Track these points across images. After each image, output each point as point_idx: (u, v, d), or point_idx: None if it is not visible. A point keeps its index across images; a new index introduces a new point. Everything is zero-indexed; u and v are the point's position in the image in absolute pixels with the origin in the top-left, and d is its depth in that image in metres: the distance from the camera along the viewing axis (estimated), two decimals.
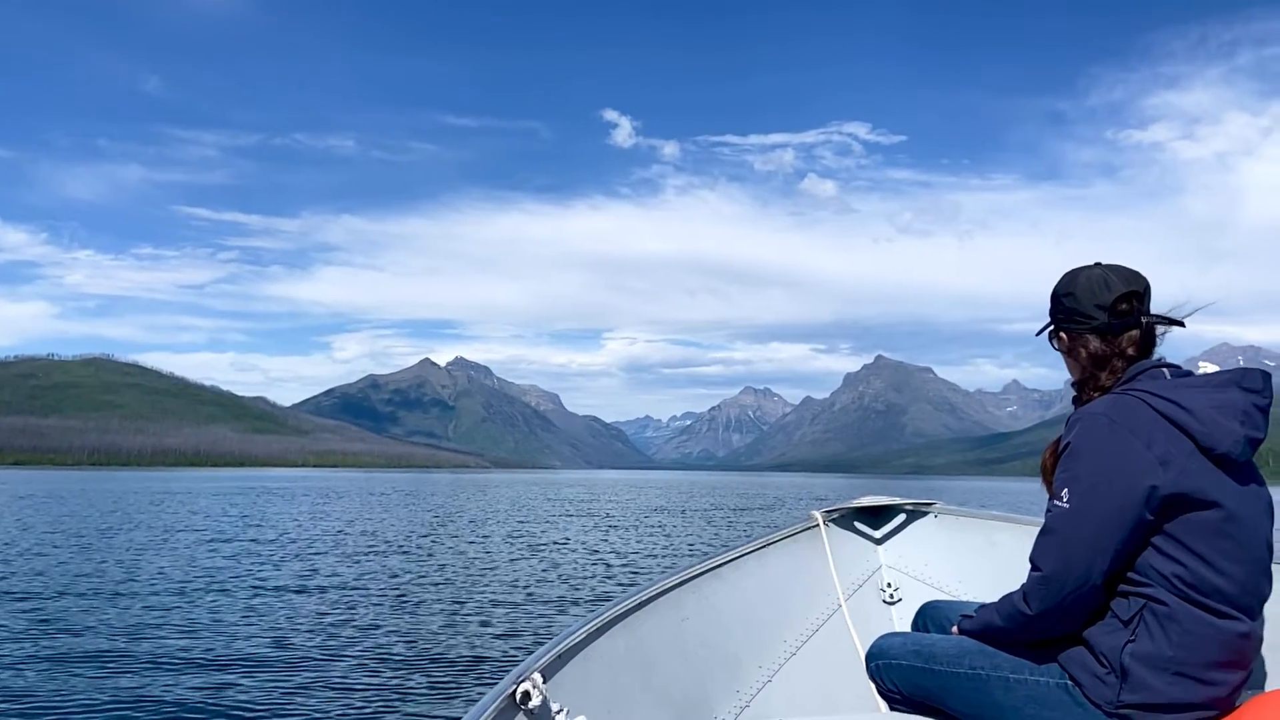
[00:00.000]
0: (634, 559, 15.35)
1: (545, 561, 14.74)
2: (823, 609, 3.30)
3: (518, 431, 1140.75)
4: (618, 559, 15.36)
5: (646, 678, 2.65)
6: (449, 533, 20.83)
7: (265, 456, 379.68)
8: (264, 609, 9.37)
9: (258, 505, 31.85)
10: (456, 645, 7.81)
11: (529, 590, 11.40)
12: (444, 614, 9.30)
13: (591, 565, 14.27)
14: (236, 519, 23.89)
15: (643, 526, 23.75)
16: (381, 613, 9.35)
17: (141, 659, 7.01)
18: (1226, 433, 1.91)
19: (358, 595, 10.61)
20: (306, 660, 7.15)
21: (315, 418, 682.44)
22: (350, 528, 21.45)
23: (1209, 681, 1.90)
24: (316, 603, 9.90)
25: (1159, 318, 2.10)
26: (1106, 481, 1.91)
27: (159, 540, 17.19)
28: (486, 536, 19.85)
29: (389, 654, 7.42)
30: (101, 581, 11.21)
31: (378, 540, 18.09)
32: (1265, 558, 1.97)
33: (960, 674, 2.16)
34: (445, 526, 22.92)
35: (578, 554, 16.13)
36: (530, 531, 21.54)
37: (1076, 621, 2.00)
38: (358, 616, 9.10)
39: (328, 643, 7.81)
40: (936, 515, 3.58)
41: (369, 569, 13.28)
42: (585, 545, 17.98)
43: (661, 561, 15.08)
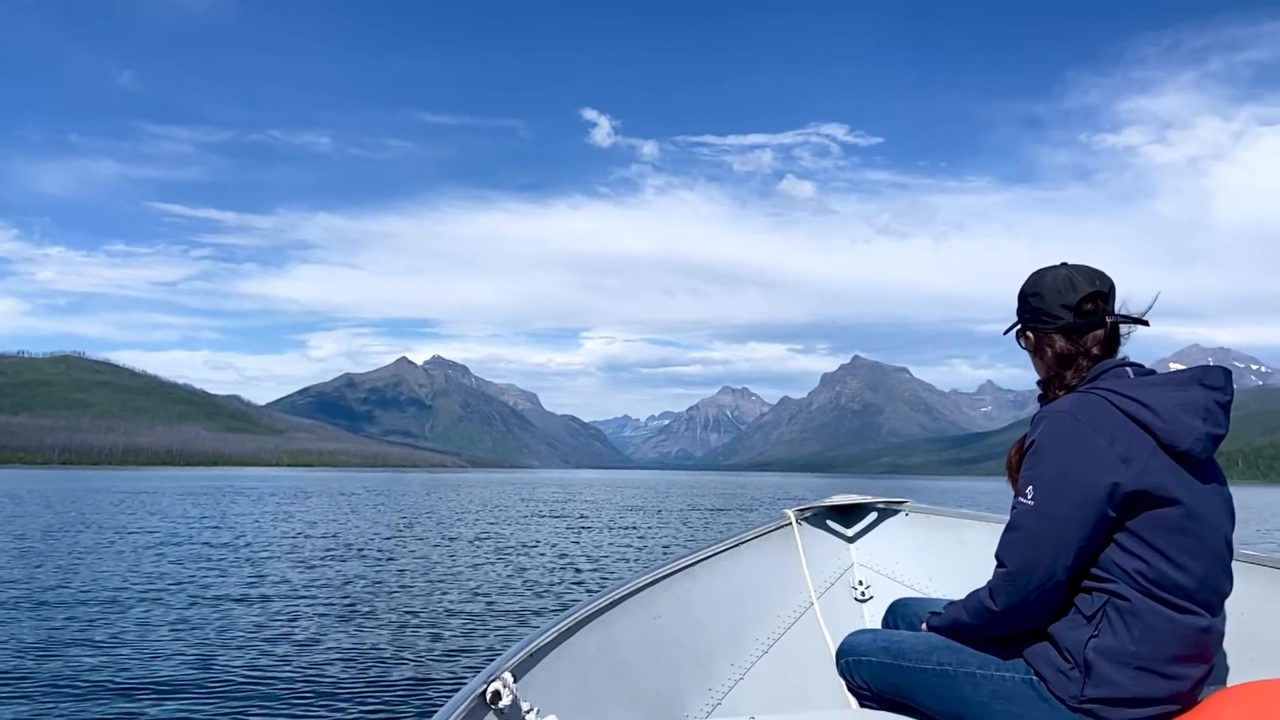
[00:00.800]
0: (608, 559, 15.01)
1: (517, 562, 14.32)
2: (795, 607, 3.31)
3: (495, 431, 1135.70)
4: (591, 559, 15.00)
5: (618, 676, 2.64)
6: (419, 533, 20.15)
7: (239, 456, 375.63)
8: (205, 617, 8.62)
9: (220, 506, 30.91)
10: (426, 646, 7.63)
11: (501, 590, 10.97)
12: (413, 615, 9.07)
13: (564, 565, 13.90)
14: (194, 520, 23.00)
15: (618, 526, 23.23)
16: (346, 615, 9.03)
17: (42, 681, 6.21)
18: (1188, 430, 1.93)
19: (320, 597, 10.06)
20: (266, 666, 6.84)
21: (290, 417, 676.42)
22: (313, 529, 20.66)
23: (1171, 676, 1.92)
24: (275, 607, 9.39)
25: (1123, 317, 2.13)
26: (1070, 479, 1.93)
27: (105, 543, 16.32)
28: (458, 537, 19.21)
29: (355, 656, 7.18)
30: (28, 589, 10.41)
31: (342, 541, 17.39)
32: (1225, 554, 2.00)
33: (928, 670, 2.18)
34: (415, 527, 22.22)
35: (551, 554, 15.72)
36: (503, 532, 20.94)
37: (1041, 617, 2.02)
38: (320, 619, 8.78)
39: (288, 646, 7.51)
40: (907, 514, 3.60)
41: (333, 570, 12.67)
42: (559, 545, 17.50)
43: (636, 561, 14.72)
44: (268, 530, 20.15)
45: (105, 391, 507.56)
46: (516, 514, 28.71)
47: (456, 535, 19.70)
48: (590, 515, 28.33)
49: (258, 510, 28.43)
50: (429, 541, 18.09)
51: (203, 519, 23.63)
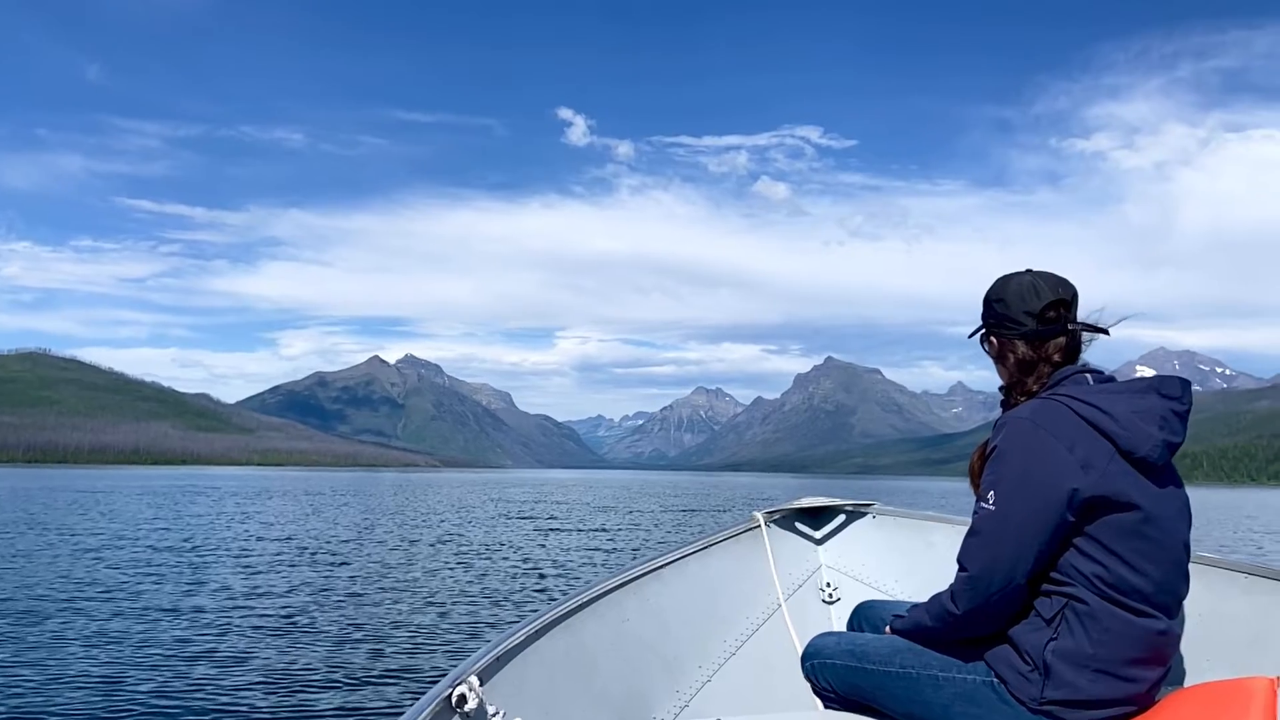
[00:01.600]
0: (577, 561, 14.60)
1: (484, 564, 13.88)
2: (763, 609, 3.32)
3: (468, 430, 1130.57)
4: (560, 561, 14.58)
5: (586, 679, 2.64)
6: (383, 534, 19.49)
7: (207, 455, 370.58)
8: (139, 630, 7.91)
9: (177, 506, 29.94)
10: (392, 649, 7.47)
11: (467, 593, 10.65)
12: (376, 619, 8.86)
13: (532, 567, 13.51)
14: (145, 521, 22.12)
15: (588, 528, 22.72)
16: (302, 620, 8.71)
17: None
18: (1146, 437, 1.96)
19: (274, 602, 9.75)
20: (227, 669, 6.63)
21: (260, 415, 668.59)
22: (269, 530, 19.87)
23: (1128, 678, 1.95)
24: (218, 615, 8.83)
25: (1085, 325, 2.16)
26: (1030, 484, 1.95)
27: (43, 546, 15.48)
28: (424, 538, 18.60)
29: (314, 663, 6.95)
30: None
31: (300, 543, 16.65)
32: (1182, 558, 2.04)
33: (892, 672, 2.20)
34: (380, 528, 21.54)
35: (519, 556, 15.26)
36: (471, 533, 20.36)
37: (1002, 620, 2.05)
38: (274, 624, 8.48)
39: (235, 656, 7.19)
40: (875, 516, 3.62)
41: (289, 574, 12.06)
42: (527, 547, 17.00)
43: (605, 564, 14.33)
44: (221, 532, 19.34)
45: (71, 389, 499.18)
46: (485, 515, 28.06)
47: (422, 537, 19.07)
48: (560, 516, 27.73)
49: (215, 511, 27.50)
50: (393, 543, 17.45)
51: (154, 520, 22.77)
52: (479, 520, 25.38)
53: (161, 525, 20.94)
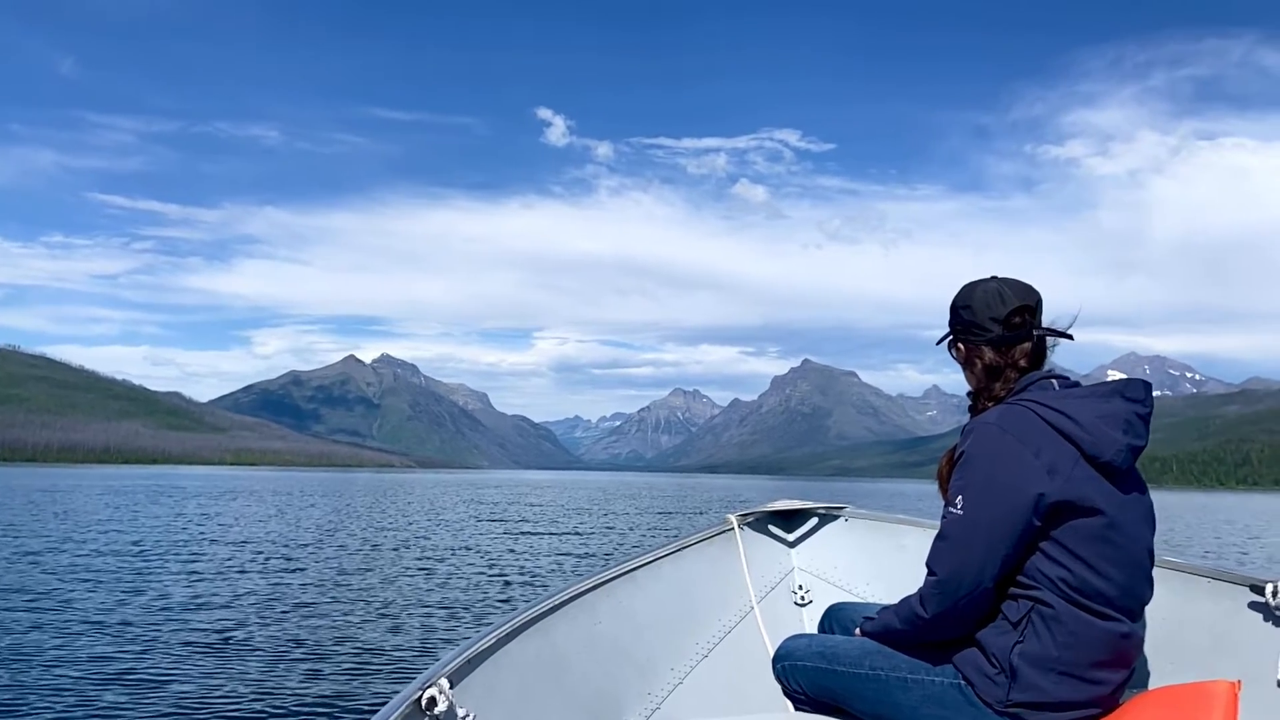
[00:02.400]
0: (550, 563, 14.24)
1: (458, 565, 13.49)
2: (735, 611, 3.33)
3: (444, 431, 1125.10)
4: (533, 563, 14.20)
5: (557, 682, 2.64)
6: (353, 534, 18.87)
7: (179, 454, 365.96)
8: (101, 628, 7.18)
9: (137, 506, 29.02)
10: (360, 652, 7.33)
11: (438, 595, 10.48)
12: (345, 620, 8.71)
13: (506, 569, 13.14)
14: (98, 522, 21.21)
15: (563, 529, 22.18)
16: (273, 621, 8.59)
17: None
18: (1110, 442, 1.99)
19: (240, 602, 9.57)
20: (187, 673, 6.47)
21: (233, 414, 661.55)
22: (229, 532, 19.10)
23: (1093, 680, 1.98)
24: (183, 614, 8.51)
25: (1049, 331, 2.19)
26: (997, 489, 1.98)
27: None
28: (394, 539, 18.03)
29: (285, 664, 6.83)
30: None
31: (266, 544, 15.95)
32: (1146, 562, 2.07)
33: (861, 675, 2.22)
34: (352, 528, 20.90)
35: (492, 558, 14.83)
36: (444, 534, 19.77)
37: (969, 624, 2.07)
38: (243, 625, 8.33)
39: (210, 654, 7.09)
40: (847, 519, 3.64)
41: (255, 575, 11.56)
42: (500, 549, 16.46)
43: (579, 566, 13.93)
44: (176, 534, 18.53)
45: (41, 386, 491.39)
46: (458, 516, 27.41)
47: (393, 538, 18.41)
48: (535, 518, 27.13)
49: (173, 512, 26.60)
50: (362, 545, 16.79)
51: (108, 521, 21.86)
52: (451, 522, 24.75)
53: (114, 527, 20.07)
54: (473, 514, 28.98)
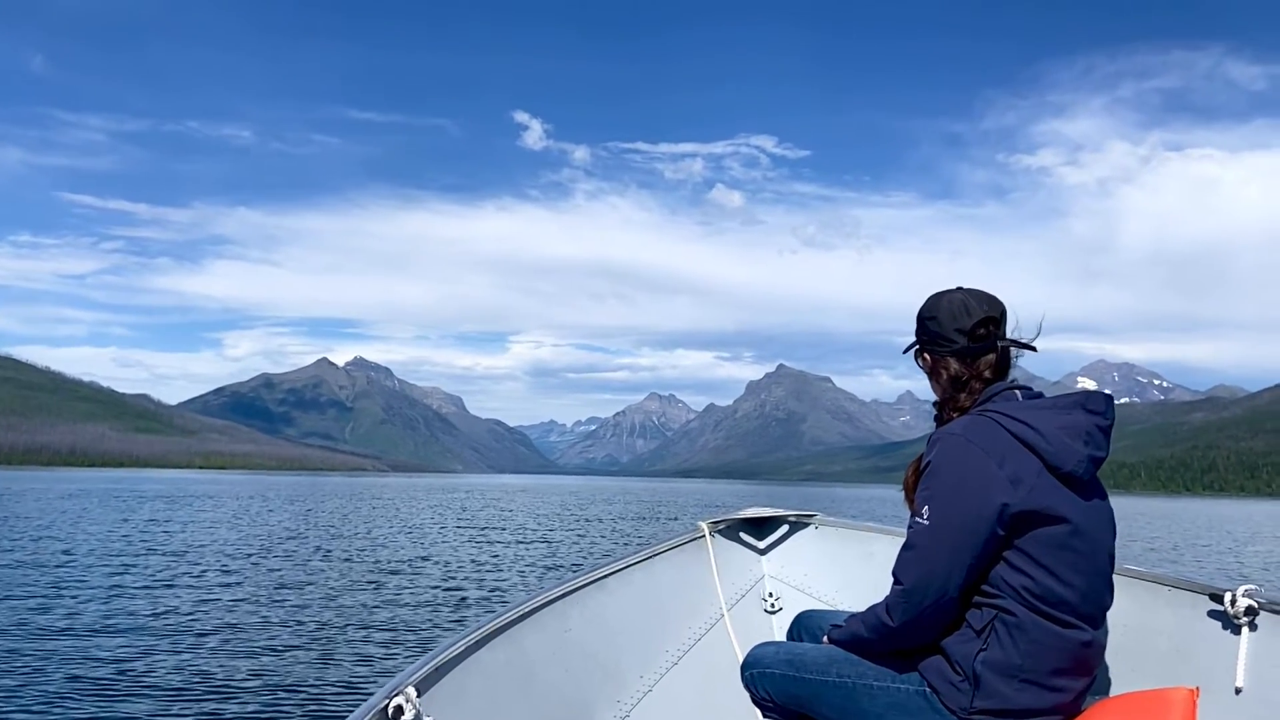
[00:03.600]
0: (522, 569, 14.10)
1: (428, 571, 13.35)
2: (706, 619, 3.34)
3: (418, 434, 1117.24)
4: (505, 569, 14.08)
5: (526, 690, 2.64)
6: (321, 539, 18.62)
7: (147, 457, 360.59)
8: None
9: (86, 510, 28.40)
10: (325, 661, 7.22)
11: (407, 602, 10.37)
12: (311, 627, 8.57)
13: (477, 575, 13.08)
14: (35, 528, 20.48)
15: (536, 535, 22.00)
16: (234, 629, 8.41)
17: None
18: (1072, 453, 2.02)
19: (206, 609, 9.36)
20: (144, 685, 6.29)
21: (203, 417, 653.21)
22: (189, 537, 18.76)
23: (1055, 688, 2.02)
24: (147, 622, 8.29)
25: (1013, 342, 2.22)
26: (962, 499, 2.01)
27: None
28: (365, 544, 17.80)
29: (249, 672, 6.71)
30: None
31: (230, 548, 15.69)
32: (1107, 570, 2.12)
33: (829, 682, 2.24)
34: (319, 532, 20.66)
35: (463, 564, 14.69)
36: (415, 539, 19.58)
37: (934, 632, 2.10)
38: (207, 633, 8.20)
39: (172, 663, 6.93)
40: (817, 526, 3.65)
41: (219, 581, 11.35)
42: (472, 554, 16.31)
43: (550, 572, 13.86)
44: (132, 539, 18.12)
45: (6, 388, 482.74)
46: (430, 521, 27.17)
47: (361, 542, 18.19)
48: (507, 523, 26.96)
49: (135, 516, 26.12)
50: (328, 549, 16.57)
51: (50, 526, 21.15)
52: (422, 527, 24.49)
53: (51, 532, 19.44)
54: (444, 519, 28.72)
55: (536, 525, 26.34)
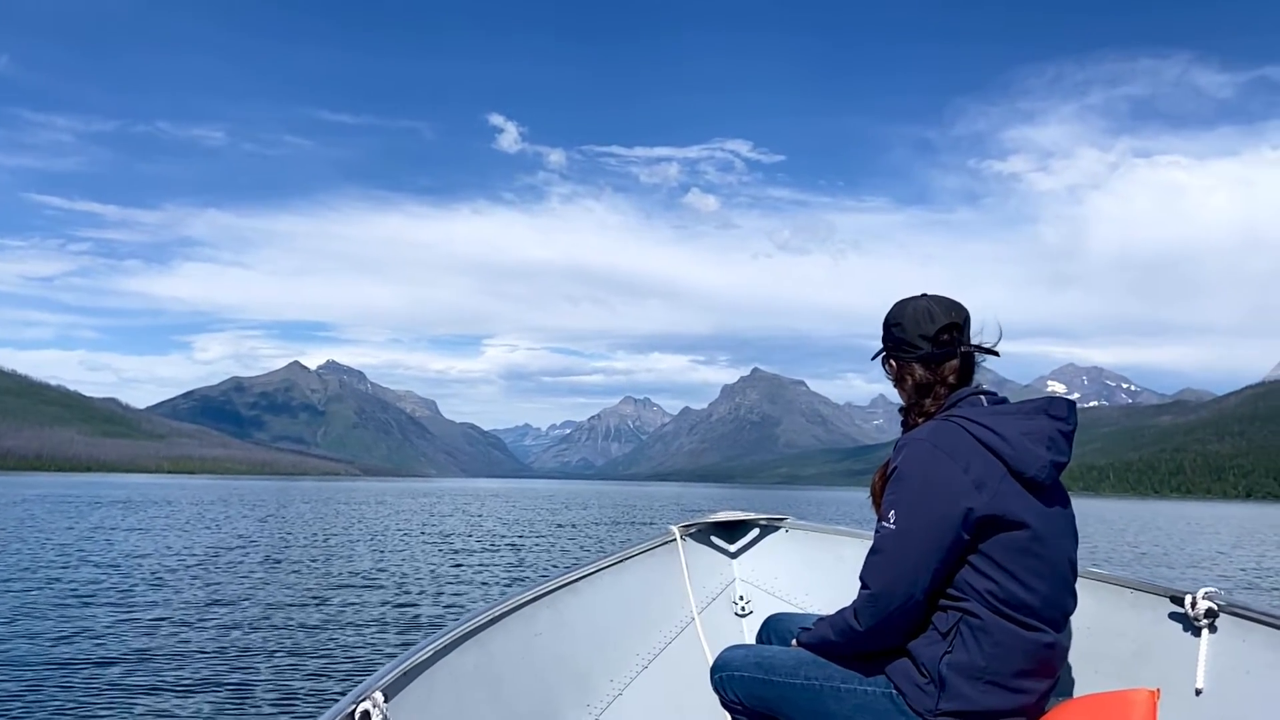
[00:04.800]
0: (493, 574, 14.02)
1: (397, 575, 13.21)
2: (676, 622, 3.35)
3: (391, 438, 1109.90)
4: (475, 573, 13.96)
5: (495, 695, 2.64)
6: (291, 543, 18.31)
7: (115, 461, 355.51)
8: None
9: (41, 516, 27.79)
10: (291, 667, 7.11)
11: (377, 606, 10.30)
12: (278, 633, 8.46)
13: (447, 580, 12.95)
14: None
15: (508, 539, 21.79)
16: (201, 634, 8.32)
17: None
18: (1034, 458, 2.06)
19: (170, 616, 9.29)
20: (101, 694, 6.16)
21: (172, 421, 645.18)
22: (153, 542, 18.34)
23: (1018, 690, 2.05)
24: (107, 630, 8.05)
25: (976, 348, 2.25)
26: (928, 504, 2.04)
27: None
28: (332, 548, 17.55)
29: (214, 679, 6.64)
30: None
31: (197, 554, 15.38)
32: (1069, 574, 2.15)
33: (797, 684, 2.27)
34: (288, 537, 20.36)
35: (433, 568, 14.54)
36: (385, 543, 19.36)
37: (901, 635, 2.12)
38: (170, 639, 8.08)
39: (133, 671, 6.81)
40: (787, 530, 3.68)
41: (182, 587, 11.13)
42: (442, 559, 16.13)
43: (521, 576, 13.75)
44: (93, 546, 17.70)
45: None
46: (401, 525, 26.89)
47: (330, 547, 17.93)
48: (479, 527, 26.74)
49: (66, 523, 25.49)
50: (298, 553, 16.32)
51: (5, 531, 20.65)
52: (392, 531, 24.23)
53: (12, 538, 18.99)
54: (415, 523, 28.46)
55: (508, 529, 26.15)
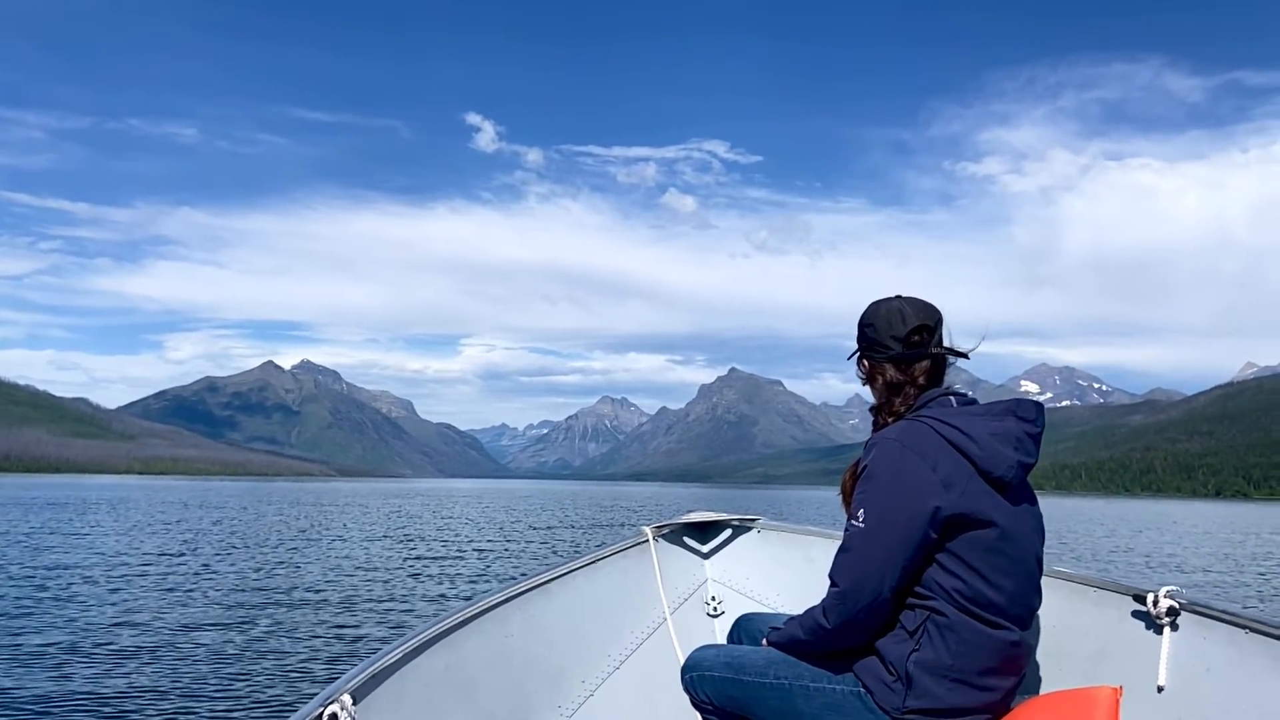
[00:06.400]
0: (465, 574, 13.87)
1: (368, 577, 13.07)
2: (649, 623, 3.36)
3: (367, 439, 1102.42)
4: (448, 574, 13.83)
5: (466, 697, 2.63)
6: (260, 545, 17.98)
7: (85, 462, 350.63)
8: None
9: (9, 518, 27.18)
10: (260, 670, 7.02)
11: (347, 608, 10.22)
12: (245, 636, 8.34)
13: (418, 581, 12.85)
14: None
15: (481, 540, 21.58)
16: (167, 637, 8.20)
17: None
18: (1002, 458, 2.08)
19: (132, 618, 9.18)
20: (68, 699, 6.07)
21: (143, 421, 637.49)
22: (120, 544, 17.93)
23: (984, 687, 2.07)
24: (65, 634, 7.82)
25: (947, 349, 2.27)
26: (896, 503, 2.05)
27: None
28: (305, 549, 17.29)
29: (179, 682, 6.54)
30: None
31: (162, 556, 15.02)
32: (1035, 572, 2.17)
33: (766, 684, 2.28)
34: (258, 538, 19.96)
35: (405, 569, 14.38)
36: (357, 544, 19.09)
37: (870, 633, 2.13)
38: (133, 642, 7.93)
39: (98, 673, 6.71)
40: (759, 531, 3.70)
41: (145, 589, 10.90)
42: (415, 559, 15.93)
43: (494, 577, 13.58)
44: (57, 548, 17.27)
45: None
46: (374, 525, 26.55)
47: (300, 548, 17.62)
48: (453, 528, 26.46)
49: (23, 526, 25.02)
50: (267, 555, 16.03)
51: None
52: (364, 532, 23.91)
53: None
54: (388, 524, 28.13)
55: (482, 532, 25.87)
